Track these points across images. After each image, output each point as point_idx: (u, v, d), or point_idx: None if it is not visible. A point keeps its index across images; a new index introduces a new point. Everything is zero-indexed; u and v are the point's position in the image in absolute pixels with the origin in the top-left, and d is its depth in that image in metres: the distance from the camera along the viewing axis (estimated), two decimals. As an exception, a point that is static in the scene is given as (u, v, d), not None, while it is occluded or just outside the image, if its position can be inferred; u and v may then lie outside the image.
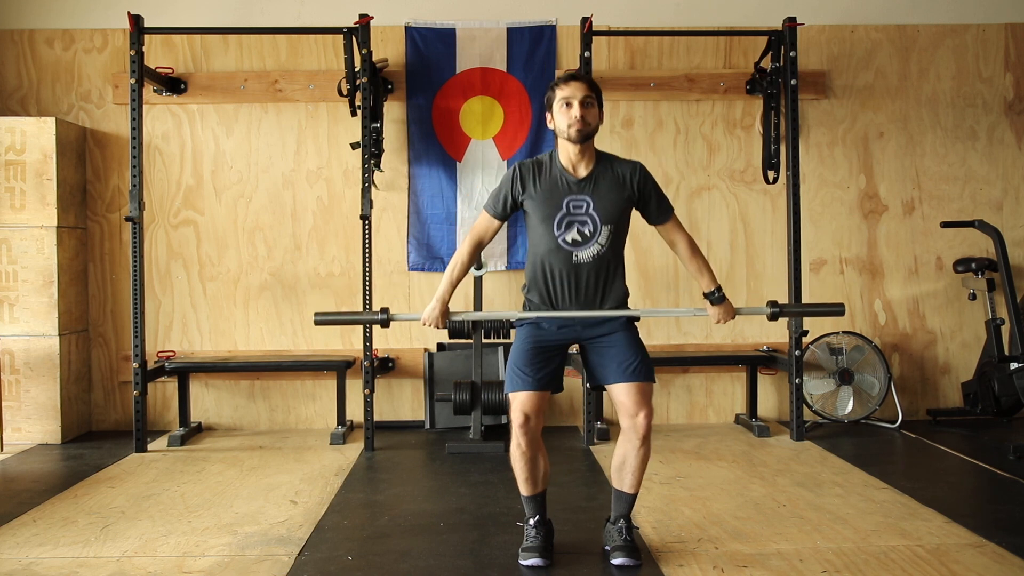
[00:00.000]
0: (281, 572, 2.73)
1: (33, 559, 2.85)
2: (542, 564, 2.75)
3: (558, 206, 2.79)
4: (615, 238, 2.82)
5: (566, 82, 2.81)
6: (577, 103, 2.76)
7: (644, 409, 2.74)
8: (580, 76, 2.85)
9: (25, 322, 4.58)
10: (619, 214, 2.82)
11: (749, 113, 5.01)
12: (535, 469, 2.80)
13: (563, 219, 2.79)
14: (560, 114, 2.79)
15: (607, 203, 2.80)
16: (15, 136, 4.57)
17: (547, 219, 2.79)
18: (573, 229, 2.79)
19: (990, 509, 3.41)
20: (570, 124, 2.77)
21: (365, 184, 4.43)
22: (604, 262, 2.81)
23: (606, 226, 2.79)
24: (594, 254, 2.80)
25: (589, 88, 2.80)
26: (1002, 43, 5.07)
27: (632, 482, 2.83)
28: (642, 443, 2.77)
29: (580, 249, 2.79)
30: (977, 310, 5.02)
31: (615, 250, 2.84)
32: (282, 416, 4.99)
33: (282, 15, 4.92)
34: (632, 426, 2.76)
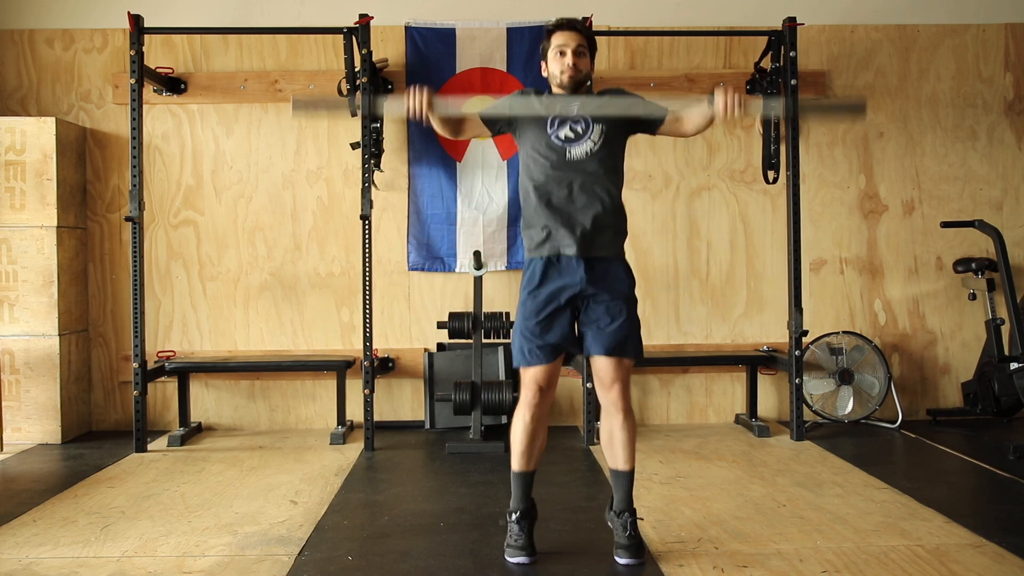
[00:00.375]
0: (281, 572, 2.73)
1: (33, 559, 2.85)
2: (527, 561, 2.77)
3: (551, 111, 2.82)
4: (608, 140, 2.80)
5: (561, 30, 2.85)
6: (570, 51, 2.81)
7: (617, 384, 2.76)
8: (575, 24, 2.87)
9: (25, 322, 4.58)
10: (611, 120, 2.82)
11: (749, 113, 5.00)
12: (532, 444, 2.80)
13: (555, 119, 2.81)
14: (553, 61, 2.85)
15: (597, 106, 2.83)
16: (15, 136, 4.57)
17: (540, 121, 2.81)
18: (566, 127, 2.80)
19: (990, 509, 3.41)
20: (562, 71, 2.82)
21: (365, 184, 4.43)
22: (598, 164, 2.78)
23: (597, 124, 2.80)
24: (587, 151, 2.78)
25: (583, 37, 2.84)
26: (1002, 43, 5.07)
27: (625, 456, 2.81)
28: (624, 416, 2.78)
29: (573, 145, 2.79)
30: (977, 310, 5.02)
31: (609, 154, 2.81)
32: (282, 416, 4.99)
33: (282, 15, 4.92)
34: (609, 399, 2.79)
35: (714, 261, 5.04)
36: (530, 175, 2.84)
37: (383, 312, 4.96)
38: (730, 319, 5.04)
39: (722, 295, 5.04)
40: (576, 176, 2.78)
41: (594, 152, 2.79)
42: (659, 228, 5.01)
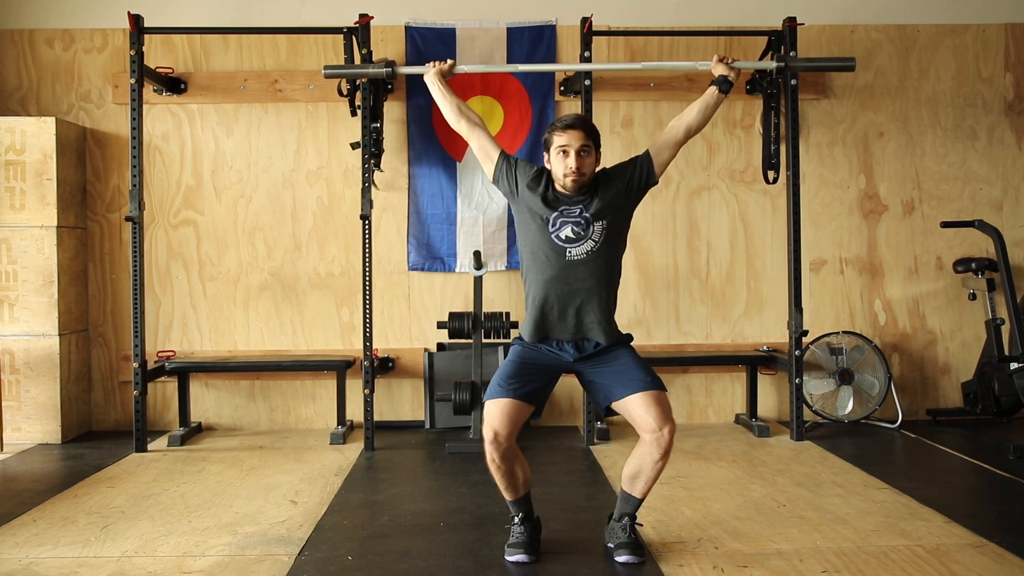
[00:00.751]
0: (281, 572, 2.73)
1: (33, 559, 2.85)
2: (527, 560, 2.77)
3: (552, 210, 2.82)
4: (609, 234, 2.81)
5: (564, 129, 2.80)
6: (574, 152, 2.78)
7: (668, 424, 2.70)
8: (578, 122, 2.82)
9: (25, 322, 4.58)
10: (613, 211, 2.82)
11: (749, 113, 5.01)
12: (512, 478, 2.79)
13: (557, 218, 2.80)
14: (556, 161, 2.81)
15: (600, 204, 2.81)
16: (15, 136, 4.57)
17: (542, 217, 2.81)
18: (567, 228, 2.80)
19: (990, 509, 3.42)
20: (566, 174, 2.79)
21: (365, 184, 4.43)
22: (598, 262, 2.80)
23: (599, 223, 2.80)
24: (588, 250, 2.79)
25: (587, 136, 2.80)
26: (1002, 43, 5.07)
27: (643, 489, 2.82)
28: (662, 457, 2.72)
29: (573, 246, 2.79)
30: (977, 310, 5.02)
31: (610, 251, 2.82)
32: (282, 416, 4.98)
33: (282, 15, 4.92)
34: (655, 440, 2.70)
35: (714, 261, 5.04)
36: (529, 266, 2.86)
37: (383, 312, 4.96)
38: (730, 319, 5.04)
39: (722, 295, 5.04)
40: (575, 278, 2.79)
41: (595, 251, 2.80)
42: (659, 228, 5.01)
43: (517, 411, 2.72)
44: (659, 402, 2.72)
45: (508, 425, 2.69)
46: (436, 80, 3.05)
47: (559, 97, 4.95)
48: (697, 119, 2.92)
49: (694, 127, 2.93)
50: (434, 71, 3.07)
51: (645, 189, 2.91)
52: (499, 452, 2.69)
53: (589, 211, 2.80)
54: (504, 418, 2.69)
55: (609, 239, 2.81)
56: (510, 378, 2.77)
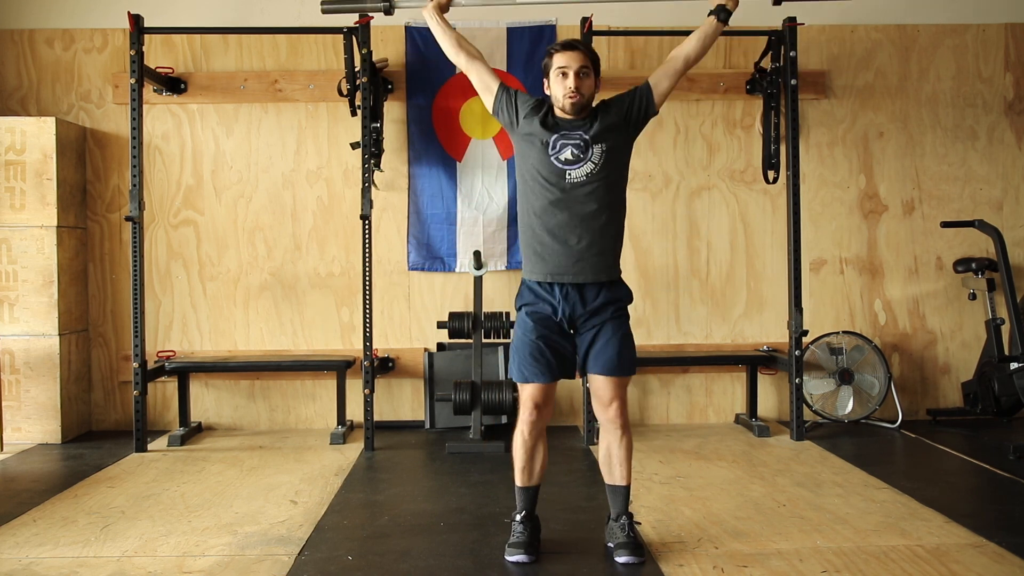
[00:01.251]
0: (281, 572, 2.73)
1: (33, 559, 2.85)
2: (527, 560, 2.77)
3: (552, 132, 2.81)
4: (609, 157, 2.80)
5: (562, 50, 2.81)
6: (572, 73, 2.78)
7: (616, 401, 2.80)
8: (577, 44, 2.84)
9: (25, 322, 4.58)
10: (612, 136, 2.82)
11: (749, 113, 5.01)
12: (533, 460, 2.84)
13: (557, 140, 2.80)
14: (556, 83, 2.81)
15: (600, 128, 2.81)
16: (15, 136, 4.57)
17: (541, 140, 2.81)
18: (567, 149, 2.79)
19: (990, 509, 3.41)
20: (565, 95, 2.79)
21: (365, 184, 4.43)
22: (598, 185, 2.78)
23: (598, 145, 2.79)
24: (588, 172, 2.78)
25: (586, 57, 2.81)
26: (1002, 43, 5.07)
27: (622, 473, 2.85)
28: (622, 432, 2.82)
29: (573, 168, 2.78)
30: (977, 310, 5.02)
31: (610, 174, 2.81)
32: (282, 416, 4.98)
33: (282, 15, 4.92)
34: (608, 417, 2.82)
35: (714, 261, 5.04)
36: (529, 195, 2.85)
37: (383, 312, 4.96)
38: (730, 319, 5.04)
39: (722, 295, 5.04)
40: (575, 200, 2.78)
41: (594, 173, 2.79)
42: (659, 228, 5.01)
43: (551, 391, 2.83)
44: (616, 384, 2.80)
45: (547, 403, 2.81)
46: (434, 14, 3.03)
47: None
48: (696, 48, 2.93)
49: (692, 57, 2.94)
50: (432, 4, 3.04)
51: (645, 119, 2.91)
52: (536, 429, 2.81)
53: (588, 133, 2.80)
54: (543, 396, 2.80)
55: (608, 163, 2.80)
56: (530, 354, 2.78)
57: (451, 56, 3.01)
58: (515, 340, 2.86)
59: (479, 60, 2.97)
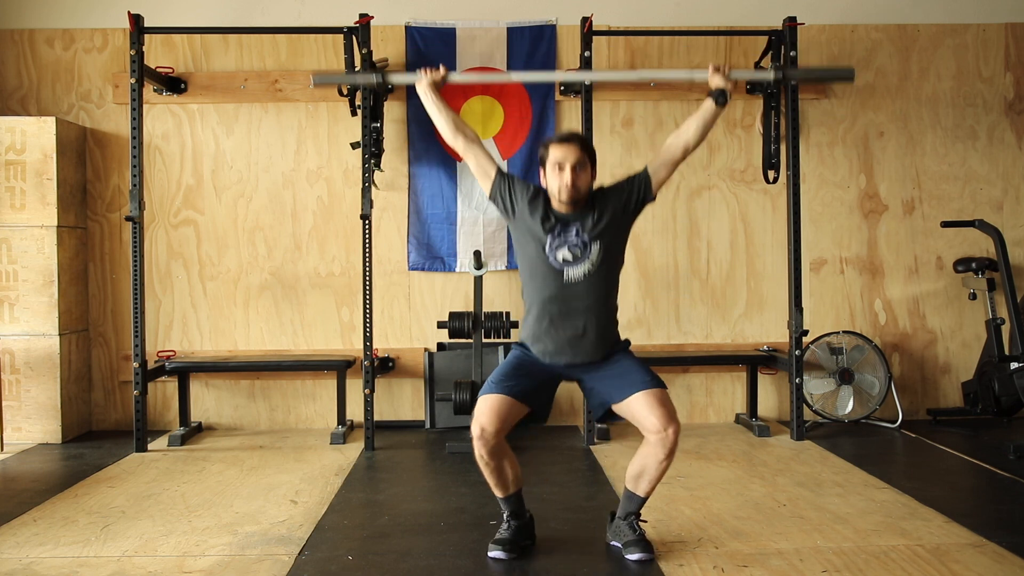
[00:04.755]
0: (281, 572, 2.73)
1: (33, 559, 2.85)
2: (504, 557, 2.79)
3: (548, 231, 2.80)
4: (606, 255, 2.80)
5: (559, 143, 2.78)
6: (569, 167, 2.75)
7: (673, 424, 2.69)
8: (574, 137, 2.80)
9: (25, 322, 4.58)
10: (610, 232, 2.82)
11: (749, 113, 5.01)
12: (501, 476, 2.80)
13: (553, 240, 2.79)
14: (552, 176, 2.78)
15: (598, 224, 2.80)
16: (15, 136, 4.57)
17: (538, 240, 2.80)
18: (564, 248, 2.79)
19: (990, 509, 3.42)
20: (561, 189, 2.76)
21: (365, 184, 4.43)
22: (596, 283, 2.79)
23: (595, 243, 2.79)
24: (585, 272, 2.78)
25: (582, 151, 2.78)
26: (1002, 43, 5.07)
27: (647, 488, 2.83)
28: (667, 457, 2.72)
29: (571, 267, 2.78)
30: (977, 310, 5.02)
31: (607, 271, 2.82)
32: (282, 416, 4.99)
33: (282, 15, 4.92)
34: (660, 441, 2.69)
35: (714, 261, 5.04)
36: (527, 282, 2.86)
37: (383, 312, 4.96)
38: (730, 319, 5.04)
39: (722, 295, 5.04)
40: (572, 295, 2.78)
41: (592, 272, 2.79)
42: (659, 228, 5.01)
43: (507, 408, 2.72)
44: (662, 402, 2.72)
45: (496, 422, 2.69)
46: (429, 91, 2.97)
47: (559, 97, 4.95)
48: (695, 136, 2.89)
49: (692, 144, 2.90)
50: (426, 80, 2.97)
51: (642, 206, 2.90)
52: (486, 448, 2.70)
53: (586, 232, 2.79)
54: (492, 414, 2.69)
55: (606, 259, 2.81)
56: (504, 377, 2.78)
57: (448, 139, 2.97)
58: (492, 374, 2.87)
59: (476, 144, 2.93)
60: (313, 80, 3.33)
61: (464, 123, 2.97)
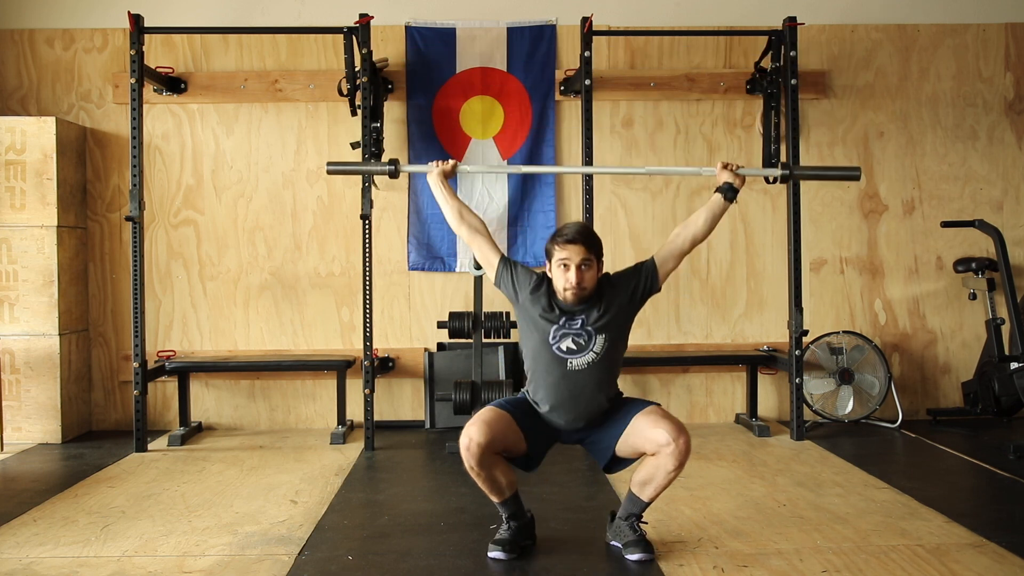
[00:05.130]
0: (281, 572, 2.73)
1: (33, 558, 2.85)
2: (504, 557, 2.80)
3: (553, 322, 2.82)
4: (611, 346, 2.83)
5: (565, 244, 2.78)
6: (574, 267, 2.77)
7: (683, 435, 2.70)
8: (579, 237, 2.78)
9: (25, 322, 4.58)
10: (615, 323, 2.84)
11: (749, 113, 5.01)
12: (494, 483, 2.82)
13: (557, 331, 2.81)
14: (557, 274, 2.80)
15: (602, 316, 2.82)
16: (15, 136, 4.57)
17: (542, 330, 2.82)
18: (568, 339, 2.81)
19: (990, 509, 3.42)
20: (566, 288, 2.78)
21: (365, 184, 4.43)
22: (599, 372, 2.82)
23: (600, 335, 2.81)
24: (589, 362, 2.81)
25: (588, 250, 2.78)
26: (1002, 43, 5.07)
27: (652, 494, 2.83)
28: (676, 468, 2.72)
29: (575, 357, 2.80)
30: (977, 310, 5.02)
31: (611, 358, 2.84)
32: (282, 416, 4.98)
33: (282, 15, 4.92)
34: (672, 452, 2.69)
35: (714, 261, 5.04)
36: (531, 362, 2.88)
37: (383, 312, 4.96)
38: (730, 319, 5.04)
39: (722, 295, 5.04)
40: (575, 382, 2.81)
41: (596, 362, 2.81)
42: (659, 228, 5.01)
43: (502, 425, 2.75)
44: (665, 416, 2.75)
45: (486, 434, 2.70)
46: (439, 182, 3.03)
47: (559, 97, 4.95)
48: (703, 228, 2.93)
49: (700, 238, 2.94)
50: (437, 172, 3.04)
51: (648, 296, 2.91)
52: (474, 459, 2.72)
53: (590, 323, 2.80)
54: (483, 426, 2.71)
55: (611, 349, 2.83)
56: (508, 402, 2.84)
57: (453, 226, 3.02)
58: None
59: (482, 233, 2.97)
60: (328, 169, 3.32)
61: (470, 212, 3.02)
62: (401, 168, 3.25)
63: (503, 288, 2.94)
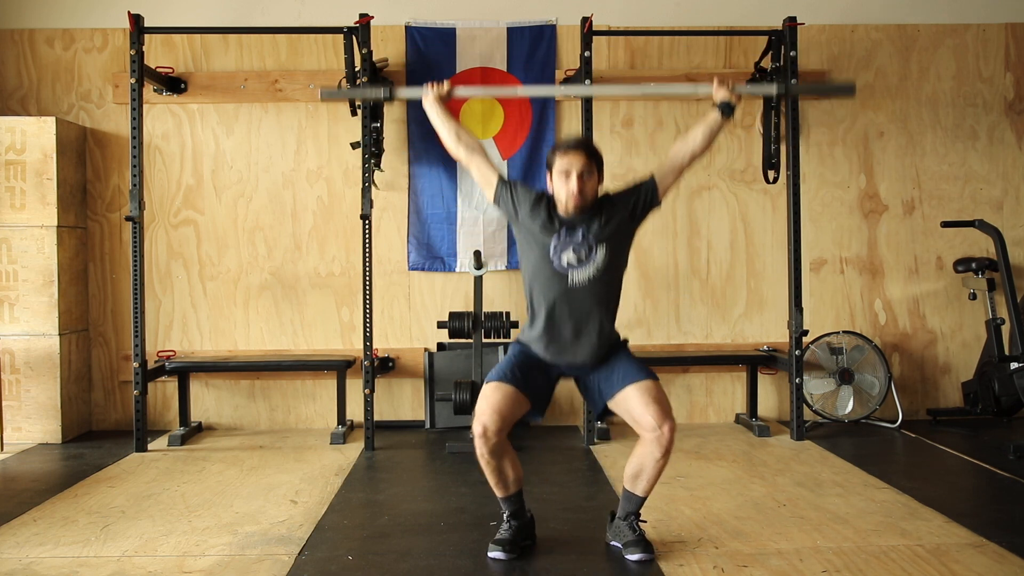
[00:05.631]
0: (281, 572, 2.73)
1: (33, 559, 2.85)
2: (504, 557, 2.80)
3: (553, 233, 2.81)
4: (611, 260, 2.81)
5: (566, 151, 2.79)
6: (575, 175, 2.76)
7: (668, 422, 2.70)
8: (580, 145, 2.80)
9: (25, 322, 4.58)
10: (616, 236, 2.82)
11: (749, 113, 5.01)
12: (502, 475, 2.82)
13: (558, 244, 2.80)
14: (559, 183, 2.79)
15: (603, 229, 2.81)
16: (15, 136, 4.57)
17: (542, 244, 2.81)
18: (568, 251, 2.79)
19: (990, 509, 3.41)
20: (568, 197, 2.77)
21: (365, 184, 4.43)
22: (600, 287, 2.80)
23: (601, 247, 2.79)
24: (590, 276, 2.79)
25: (589, 158, 2.78)
26: (1002, 43, 5.07)
27: (646, 487, 2.83)
28: (663, 456, 2.73)
29: (575, 271, 2.79)
30: (977, 310, 5.02)
31: (611, 276, 2.83)
32: (282, 416, 4.99)
33: (282, 15, 4.92)
34: (656, 439, 2.70)
35: (714, 261, 5.04)
36: (530, 281, 2.87)
37: (383, 312, 4.96)
38: (730, 319, 5.04)
39: (722, 295, 5.04)
40: (575, 299, 2.79)
41: (597, 277, 2.79)
42: (659, 228, 5.01)
43: (509, 404, 2.74)
44: (656, 399, 2.73)
45: (498, 420, 2.70)
46: (435, 104, 3.01)
47: (559, 97, 4.95)
48: (701, 144, 2.92)
49: (698, 151, 2.93)
50: (432, 94, 3.01)
51: (648, 212, 2.91)
52: (488, 447, 2.71)
53: (591, 235, 2.79)
54: (494, 413, 2.70)
55: (611, 264, 2.81)
56: (507, 368, 2.80)
57: (450, 148, 2.99)
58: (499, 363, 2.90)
59: (479, 153, 2.96)
60: (321, 95, 3.33)
61: (466, 132, 2.99)
62: (396, 93, 3.21)
63: (502, 206, 2.91)
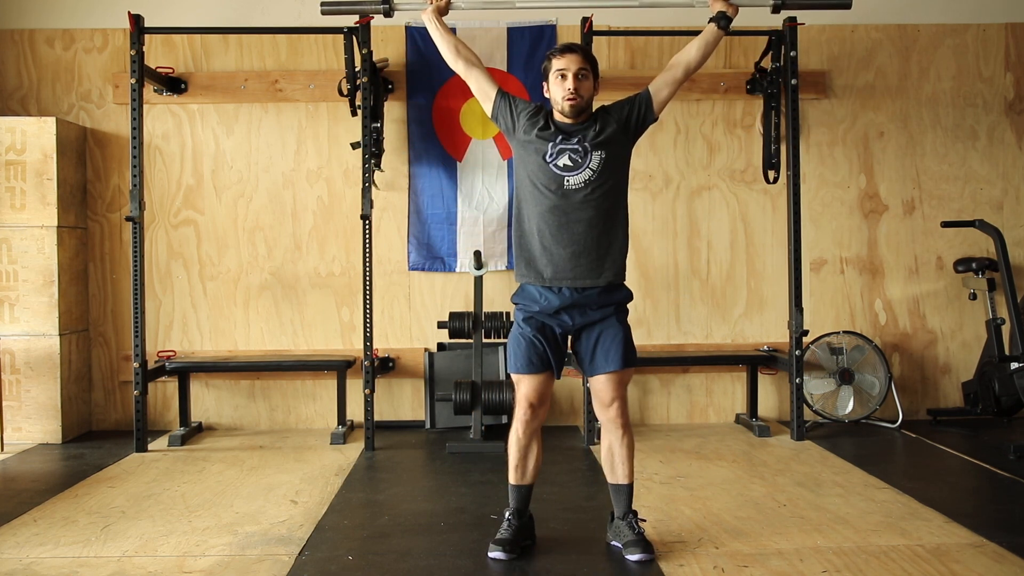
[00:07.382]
0: (281, 572, 2.73)
1: (33, 559, 2.85)
2: (504, 557, 2.80)
3: (550, 140, 2.83)
4: (607, 167, 2.81)
5: (562, 53, 2.84)
6: (571, 75, 2.80)
7: (617, 401, 2.82)
8: (576, 47, 2.86)
9: (25, 322, 4.58)
10: (611, 143, 2.83)
11: (749, 113, 5.01)
12: (526, 459, 2.87)
13: (555, 147, 2.82)
14: (555, 85, 2.83)
15: (599, 135, 2.83)
16: (15, 136, 4.57)
17: (539, 150, 2.83)
18: (565, 155, 2.81)
19: (990, 509, 3.42)
20: (564, 97, 2.80)
21: (365, 184, 4.43)
22: (596, 192, 2.80)
23: (597, 152, 2.81)
24: (585, 179, 2.79)
25: (585, 59, 2.83)
26: (1002, 43, 5.07)
27: (624, 472, 2.87)
28: (623, 431, 2.84)
29: (572, 174, 2.80)
30: (977, 310, 5.02)
31: (608, 185, 2.82)
32: (282, 416, 4.98)
33: (282, 15, 4.92)
34: (608, 417, 2.84)
35: (714, 261, 5.04)
36: (526, 200, 2.88)
37: (383, 312, 4.96)
38: (730, 319, 5.04)
39: (722, 295, 5.04)
40: (572, 207, 2.80)
41: (592, 180, 2.80)
42: (659, 228, 5.01)
43: (544, 386, 2.84)
44: (613, 381, 2.81)
45: (539, 397, 2.82)
46: (433, 18, 3.05)
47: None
48: (697, 56, 2.94)
49: (694, 64, 2.95)
50: (431, 8, 3.06)
51: (644, 126, 2.93)
52: (527, 428, 2.83)
53: (587, 140, 2.82)
54: (535, 392, 2.83)
55: (607, 170, 2.82)
56: (526, 356, 2.83)
57: (450, 61, 3.02)
58: (512, 335, 2.92)
59: (477, 67, 2.99)
60: (321, 9, 3.34)
61: (466, 47, 3.03)
62: (395, 6, 3.23)
63: (500, 119, 2.94)
